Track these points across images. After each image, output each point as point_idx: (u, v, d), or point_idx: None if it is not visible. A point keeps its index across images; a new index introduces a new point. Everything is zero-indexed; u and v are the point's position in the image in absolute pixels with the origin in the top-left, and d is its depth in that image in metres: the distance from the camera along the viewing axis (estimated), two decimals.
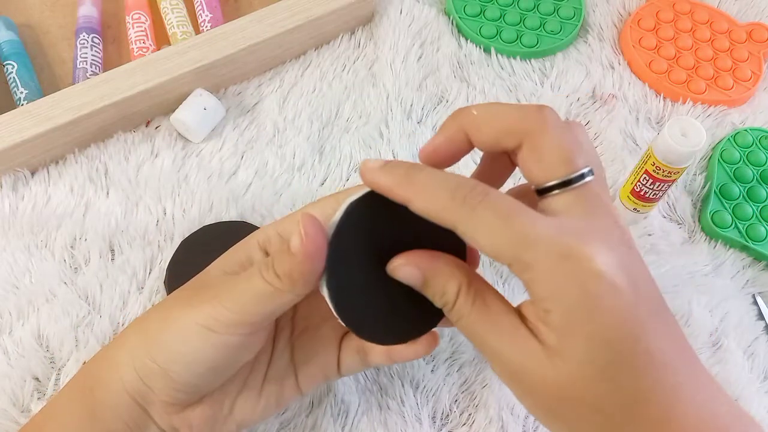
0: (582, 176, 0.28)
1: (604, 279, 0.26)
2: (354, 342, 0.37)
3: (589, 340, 0.26)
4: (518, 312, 0.29)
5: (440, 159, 0.32)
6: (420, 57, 0.57)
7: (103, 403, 0.33)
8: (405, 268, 0.31)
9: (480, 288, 0.30)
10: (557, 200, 0.28)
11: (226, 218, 0.49)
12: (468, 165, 0.52)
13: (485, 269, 0.48)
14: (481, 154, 0.34)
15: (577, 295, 0.26)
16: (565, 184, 0.28)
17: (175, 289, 0.44)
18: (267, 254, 0.34)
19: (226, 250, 0.35)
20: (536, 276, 0.27)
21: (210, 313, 0.31)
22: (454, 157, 0.32)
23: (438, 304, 0.31)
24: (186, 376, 0.32)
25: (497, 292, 0.30)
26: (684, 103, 0.56)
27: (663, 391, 0.26)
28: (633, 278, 0.27)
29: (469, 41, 0.59)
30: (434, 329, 0.34)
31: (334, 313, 0.32)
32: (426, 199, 0.28)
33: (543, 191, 0.29)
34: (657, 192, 0.47)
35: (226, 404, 0.35)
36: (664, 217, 0.51)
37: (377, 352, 0.36)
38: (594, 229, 0.27)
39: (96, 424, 0.33)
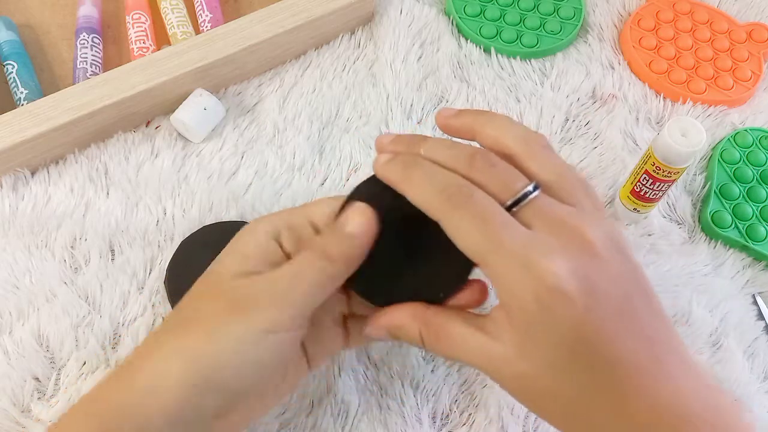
0: (525, 195, 0.31)
1: (556, 290, 0.28)
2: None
3: (545, 344, 0.29)
4: (485, 319, 0.32)
5: None
6: (420, 57, 0.57)
7: None
8: (373, 334, 0.35)
9: (439, 323, 0.33)
10: (520, 215, 0.31)
11: (226, 218, 0.49)
12: None
13: None
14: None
15: (533, 306, 0.29)
16: (514, 204, 0.31)
17: (175, 290, 0.44)
18: (281, 246, 0.34)
19: None
20: (499, 280, 0.30)
21: (267, 316, 0.31)
22: None
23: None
24: (243, 384, 0.32)
25: (458, 313, 0.33)
26: (684, 103, 0.56)
27: (620, 384, 0.29)
28: (588, 285, 0.29)
29: (469, 41, 0.59)
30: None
31: (359, 292, 0.35)
32: (417, 195, 0.32)
33: (508, 210, 0.31)
34: (657, 192, 0.47)
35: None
36: (664, 217, 0.51)
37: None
38: (553, 243, 0.30)
39: None
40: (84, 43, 0.55)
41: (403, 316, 0.34)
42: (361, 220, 0.33)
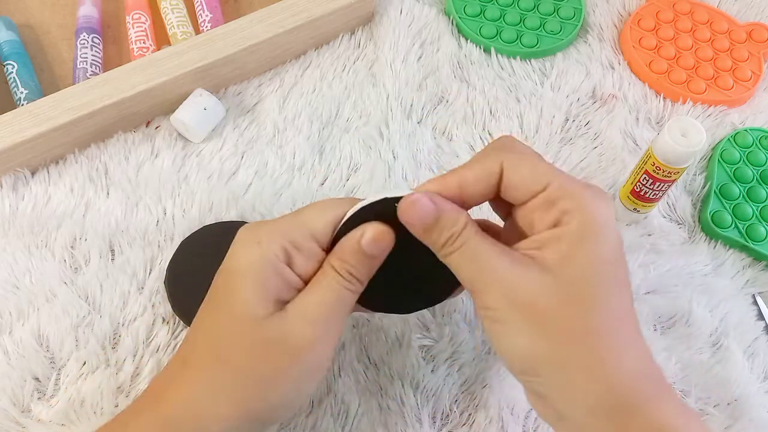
0: None
1: (613, 220, 0.32)
2: None
3: (589, 258, 0.31)
4: (526, 240, 0.33)
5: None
6: (420, 57, 0.57)
7: None
8: (423, 200, 0.33)
9: (478, 225, 0.34)
10: None
11: (226, 218, 0.49)
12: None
13: None
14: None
15: (598, 218, 0.32)
16: None
17: (175, 290, 0.44)
18: (290, 265, 0.34)
19: (227, 250, 0.35)
20: (567, 198, 0.32)
21: (315, 355, 0.33)
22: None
23: (443, 238, 0.33)
24: (289, 414, 0.38)
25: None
26: (684, 103, 0.56)
27: (618, 332, 0.32)
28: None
29: (469, 41, 0.59)
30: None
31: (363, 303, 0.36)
32: None
33: None
34: (657, 192, 0.47)
35: None
36: (664, 217, 0.51)
37: None
38: None
39: None
40: (84, 43, 0.55)
41: (455, 205, 0.34)
42: (383, 242, 0.34)
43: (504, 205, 0.36)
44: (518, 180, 0.33)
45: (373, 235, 0.33)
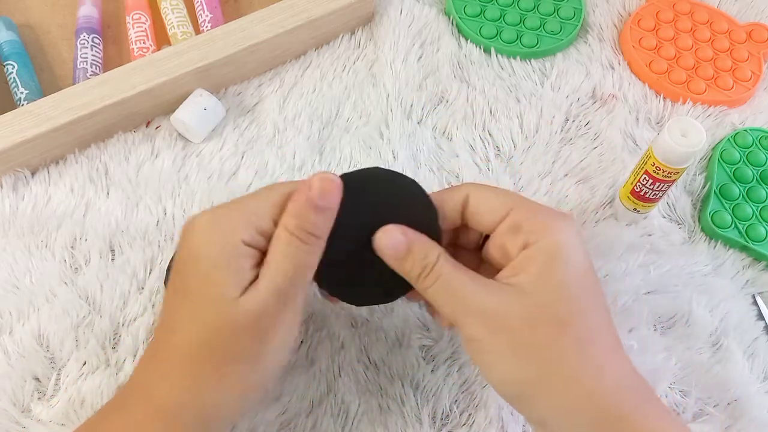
0: None
1: (581, 240, 0.34)
2: None
3: (559, 278, 0.33)
4: (505, 269, 0.35)
5: None
6: (420, 57, 0.57)
7: None
8: (393, 233, 0.35)
9: (450, 257, 0.35)
10: None
11: None
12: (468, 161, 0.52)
13: None
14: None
15: (571, 238, 0.34)
16: None
17: None
18: (255, 246, 0.34)
19: None
20: (536, 221, 0.34)
21: (288, 322, 0.34)
22: None
23: (415, 270, 0.34)
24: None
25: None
26: (684, 103, 0.56)
27: (597, 347, 0.33)
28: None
29: (469, 41, 0.59)
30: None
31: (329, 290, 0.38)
32: None
33: None
34: (657, 192, 0.47)
35: None
36: (664, 217, 0.51)
37: None
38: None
39: None
40: (84, 43, 0.55)
41: (427, 238, 0.35)
42: (332, 191, 0.34)
43: (472, 238, 0.38)
44: (482, 205, 0.35)
45: (321, 187, 0.33)
